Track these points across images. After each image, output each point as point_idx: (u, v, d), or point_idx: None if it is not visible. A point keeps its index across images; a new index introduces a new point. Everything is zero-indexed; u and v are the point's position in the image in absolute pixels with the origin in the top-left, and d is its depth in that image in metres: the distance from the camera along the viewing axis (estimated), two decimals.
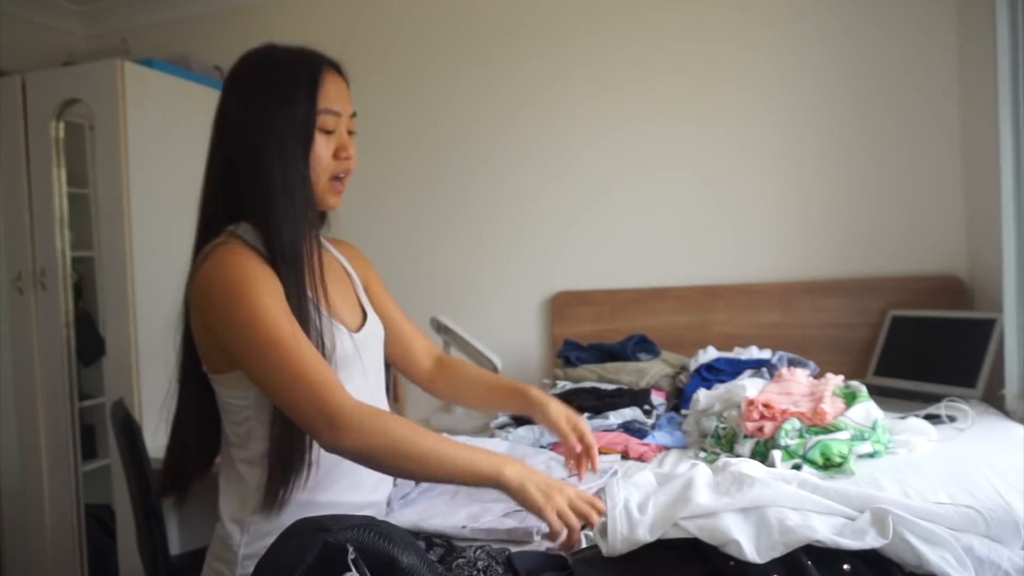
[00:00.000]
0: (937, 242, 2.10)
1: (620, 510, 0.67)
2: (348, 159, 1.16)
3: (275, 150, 1.08)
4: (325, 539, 0.77)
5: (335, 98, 1.13)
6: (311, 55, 1.15)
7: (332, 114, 1.13)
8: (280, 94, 1.09)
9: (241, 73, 1.15)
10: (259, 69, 1.13)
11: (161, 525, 1.67)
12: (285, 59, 1.13)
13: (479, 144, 2.56)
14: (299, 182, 1.10)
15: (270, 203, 1.08)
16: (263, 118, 1.09)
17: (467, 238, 2.58)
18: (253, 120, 1.09)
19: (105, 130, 2.28)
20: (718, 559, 0.61)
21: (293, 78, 1.11)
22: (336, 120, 1.14)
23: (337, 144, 1.14)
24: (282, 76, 1.11)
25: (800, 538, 0.60)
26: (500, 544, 1.06)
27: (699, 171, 2.31)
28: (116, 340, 2.28)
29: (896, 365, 1.98)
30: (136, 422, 1.68)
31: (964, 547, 0.61)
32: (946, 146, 2.09)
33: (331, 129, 1.13)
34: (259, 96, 1.10)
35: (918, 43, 2.09)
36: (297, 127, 1.10)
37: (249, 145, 1.09)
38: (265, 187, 1.08)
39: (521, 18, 2.49)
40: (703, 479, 0.70)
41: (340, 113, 1.14)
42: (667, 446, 1.57)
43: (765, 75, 2.24)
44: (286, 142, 1.09)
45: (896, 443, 1.39)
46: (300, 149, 1.10)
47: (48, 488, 2.40)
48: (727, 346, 1.98)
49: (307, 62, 1.13)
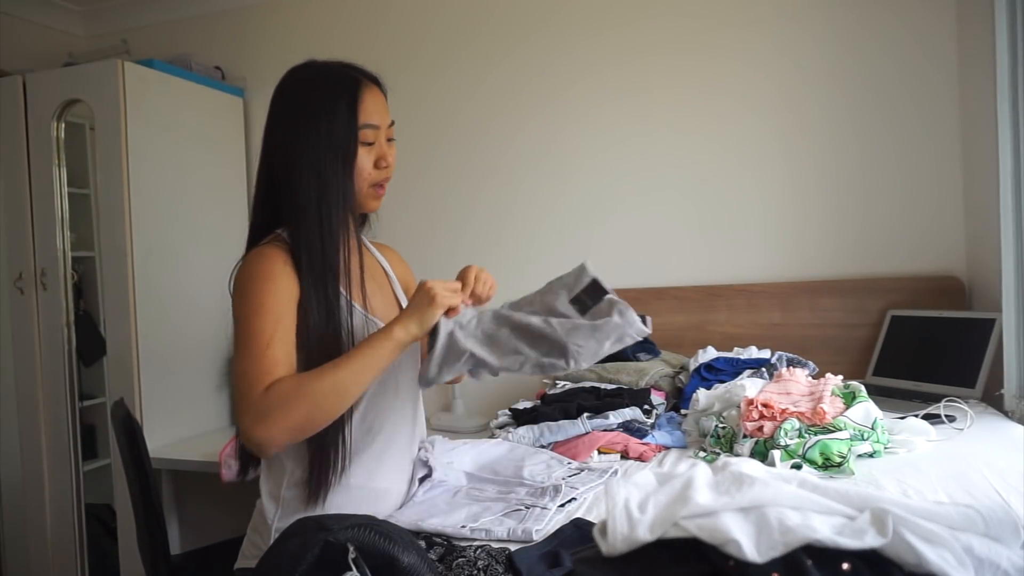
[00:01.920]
0: (936, 242, 2.11)
1: (620, 510, 0.67)
2: (388, 167, 1.24)
3: (313, 167, 1.16)
4: (326, 538, 0.77)
5: (373, 112, 1.21)
6: (350, 71, 1.22)
7: (372, 128, 1.20)
8: (321, 112, 1.17)
9: (284, 90, 1.23)
10: (301, 87, 1.21)
11: (161, 525, 1.68)
12: (325, 76, 1.21)
13: (478, 144, 2.56)
14: (339, 195, 1.18)
15: (305, 216, 1.16)
16: (304, 136, 1.17)
17: (467, 238, 2.58)
18: (295, 137, 1.17)
19: (105, 130, 2.28)
20: (718, 559, 0.61)
21: (334, 95, 1.18)
22: (375, 132, 1.21)
23: (377, 154, 1.22)
24: (323, 94, 1.19)
25: (800, 538, 0.60)
26: (500, 544, 1.07)
27: (699, 171, 2.32)
28: (116, 340, 2.29)
29: (895, 365, 1.98)
30: (136, 422, 1.68)
31: (964, 547, 0.61)
32: (945, 146, 2.09)
33: (371, 141, 1.21)
34: (301, 114, 1.18)
35: (917, 44, 2.09)
36: (339, 142, 1.17)
37: (288, 161, 1.18)
38: (301, 202, 1.16)
39: (527, 22, 2.49)
40: (703, 479, 0.70)
41: (379, 126, 1.22)
42: (667, 446, 1.58)
43: (765, 76, 2.24)
44: (326, 158, 1.16)
45: (895, 443, 1.39)
46: (341, 163, 1.18)
47: (49, 488, 2.41)
48: (727, 346, 1.98)
49: (346, 78, 1.21)
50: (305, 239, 1.16)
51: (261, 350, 1.09)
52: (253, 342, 1.09)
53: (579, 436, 1.59)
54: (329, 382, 1.07)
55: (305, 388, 1.06)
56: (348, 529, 0.78)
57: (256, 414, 1.05)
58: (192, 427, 2.44)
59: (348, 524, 0.79)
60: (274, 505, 1.20)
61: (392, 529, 0.82)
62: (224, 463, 1.97)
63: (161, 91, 2.42)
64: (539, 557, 0.99)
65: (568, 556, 0.96)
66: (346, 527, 0.79)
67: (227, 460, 1.98)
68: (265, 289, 1.12)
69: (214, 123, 2.66)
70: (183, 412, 2.41)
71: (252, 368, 1.08)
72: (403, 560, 0.79)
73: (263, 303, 1.12)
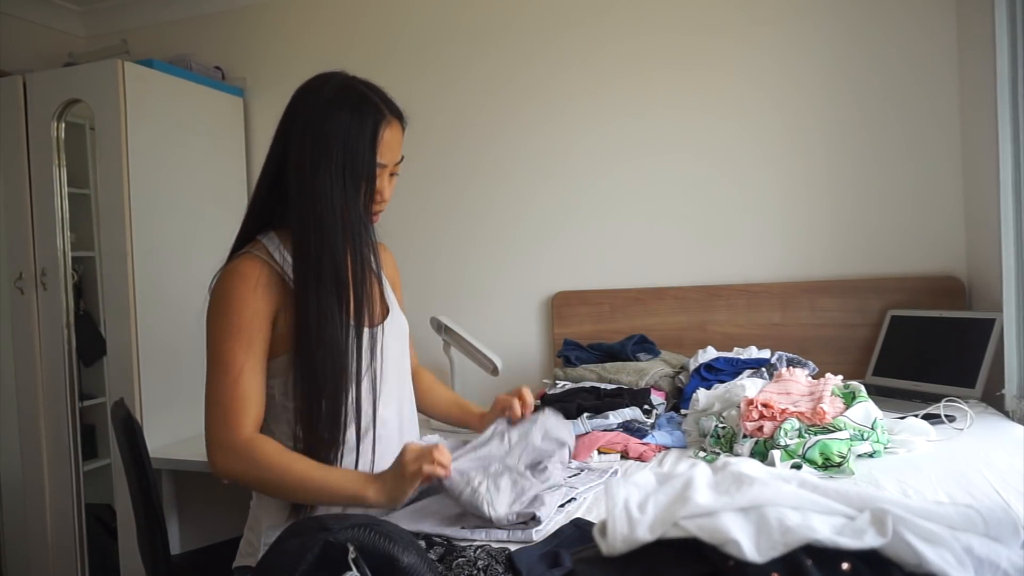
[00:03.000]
0: (936, 242, 2.10)
1: (620, 510, 0.67)
2: (383, 202, 1.27)
3: (337, 186, 1.18)
4: (326, 538, 0.77)
5: (387, 151, 1.23)
6: (377, 102, 1.22)
7: (381, 167, 1.23)
8: (346, 134, 1.18)
9: (312, 98, 1.22)
10: (330, 101, 1.20)
11: (161, 525, 1.67)
12: (355, 100, 1.20)
13: (478, 143, 2.56)
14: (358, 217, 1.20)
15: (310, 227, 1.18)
16: (327, 152, 1.17)
17: (467, 238, 2.58)
18: (317, 150, 1.18)
19: (105, 130, 2.28)
20: (718, 559, 0.61)
21: (359, 122, 1.19)
22: (382, 170, 1.23)
23: (376, 187, 1.24)
24: (350, 117, 1.19)
25: (800, 538, 0.60)
26: (500, 544, 1.07)
27: (699, 171, 2.32)
28: (117, 340, 2.29)
29: (895, 365, 1.98)
30: (137, 422, 1.68)
31: (964, 547, 0.61)
32: (946, 146, 2.09)
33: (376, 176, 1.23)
34: (325, 129, 1.18)
35: (918, 44, 2.09)
36: (357, 169, 1.19)
37: (309, 173, 1.18)
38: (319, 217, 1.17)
39: (519, 16, 2.49)
40: (703, 479, 0.70)
41: (387, 164, 1.24)
42: (667, 446, 1.58)
43: (765, 76, 2.24)
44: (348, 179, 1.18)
45: (895, 443, 1.39)
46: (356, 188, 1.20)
47: (49, 488, 2.41)
48: (726, 346, 1.98)
49: (374, 108, 1.21)
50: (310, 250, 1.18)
51: (233, 378, 1.15)
52: (225, 369, 1.16)
53: (579, 436, 1.59)
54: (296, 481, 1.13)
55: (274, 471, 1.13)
56: (348, 529, 0.78)
57: (226, 452, 1.15)
58: (192, 427, 2.44)
59: (348, 524, 0.79)
60: (271, 502, 1.23)
61: (392, 529, 0.82)
62: None
63: (161, 91, 2.42)
64: (539, 557, 0.99)
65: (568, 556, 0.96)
66: (346, 527, 0.79)
67: None
68: (238, 309, 1.16)
69: (214, 123, 2.66)
70: (183, 412, 2.40)
71: (224, 398, 1.15)
72: (403, 560, 0.79)
73: (236, 325, 1.16)
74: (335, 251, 1.18)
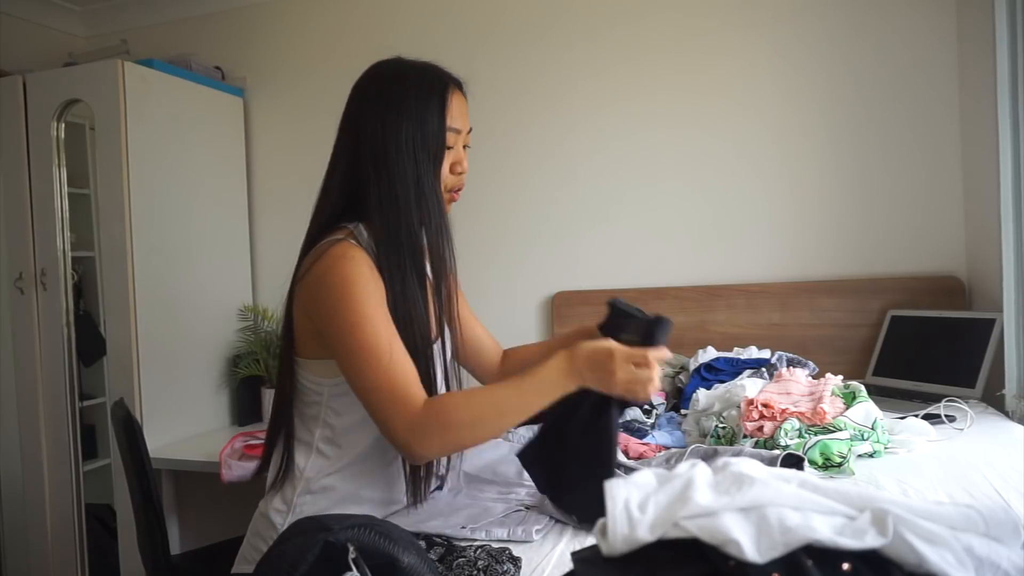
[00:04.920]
0: (936, 242, 2.10)
1: (620, 510, 0.67)
2: (462, 173, 1.26)
3: (409, 161, 1.16)
4: (326, 538, 0.77)
5: (458, 115, 1.21)
6: (440, 72, 1.23)
7: (455, 131, 1.21)
8: (414, 108, 1.17)
9: (373, 84, 1.21)
10: (392, 82, 1.19)
11: (161, 525, 1.67)
12: (416, 74, 1.20)
13: (478, 144, 2.55)
14: (432, 192, 1.18)
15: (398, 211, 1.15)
16: (397, 130, 1.16)
17: (468, 238, 2.57)
18: (387, 131, 1.16)
19: (105, 130, 2.28)
20: (718, 559, 0.61)
21: (426, 94, 1.18)
22: (456, 136, 1.22)
23: (454, 159, 1.23)
24: (415, 91, 1.18)
25: (800, 538, 0.60)
26: (500, 544, 1.07)
27: (699, 171, 2.32)
28: (116, 340, 2.28)
29: (895, 365, 1.98)
30: (137, 422, 1.68)
31: (964, 547, 0.61)
32: (946, 146, 2.09)
33: (451, 145, 1.21)
34: (393, 109, 1.17)
35: (918, 44, 2.10)
36: (429, 141, 1.17)
37: (382, 155, 1.16)
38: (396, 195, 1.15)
39: (523, 25, 2.49)
40: (703, 479, 0.70)
41: (461, 130, 1.22)
42: (667, 446, 1.57)
43: (765, 76, 2.24)
44: (419, 154, 1.16)
45: (895, 443, 1.39)
46: (430, 161, 1.18)
47: (49, 488, 2.40)
48: (727, 346, 1.98)
49: (437, 79, 1.20)
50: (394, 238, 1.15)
51: (386, 361, 1.08)
52: (376, 354, 1.08)
53: None
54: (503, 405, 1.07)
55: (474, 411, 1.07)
56: (348, 529, 0.78)
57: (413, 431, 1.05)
58: (192, 427, 2.44)
59: (348, 524, 0.79)
60: (286, 509, 1.19)
61: (392, 529, 0.82)
62: (224, 463, 1.97)
63: (161, 91, 2.42)
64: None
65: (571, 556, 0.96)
66: (346, 527, 0.79)
67: (227, 460, 1.98)
68: (365, 294, 1.11)
69: (214, 123, 2.66)
70: (183, 412, 2.40)
71: (385, 382, 1.07)
72: (403, 560, 0.79)
73: (369, 306, 1.10)
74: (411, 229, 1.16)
